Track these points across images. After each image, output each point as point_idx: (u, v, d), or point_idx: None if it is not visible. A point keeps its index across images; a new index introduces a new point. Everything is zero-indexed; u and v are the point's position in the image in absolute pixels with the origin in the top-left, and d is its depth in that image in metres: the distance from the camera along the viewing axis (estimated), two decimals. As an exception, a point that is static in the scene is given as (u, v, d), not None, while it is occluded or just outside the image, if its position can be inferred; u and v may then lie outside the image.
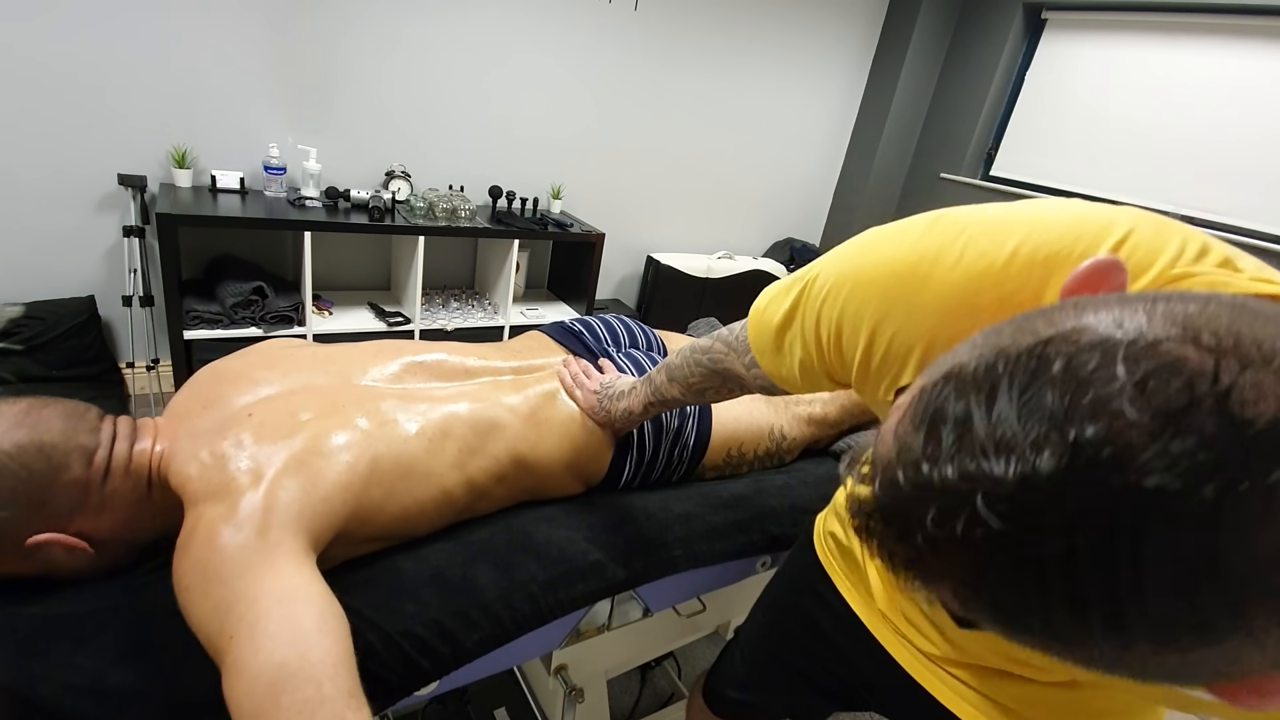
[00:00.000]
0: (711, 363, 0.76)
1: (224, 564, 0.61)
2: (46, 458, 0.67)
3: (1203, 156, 2.78)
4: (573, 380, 1.01)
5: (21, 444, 0.66)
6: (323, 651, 0.56)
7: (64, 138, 2.03)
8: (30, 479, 0.66)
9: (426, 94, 2.57)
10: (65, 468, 0.68)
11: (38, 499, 0.66)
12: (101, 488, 0.70)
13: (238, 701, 0.54)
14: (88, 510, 0.70)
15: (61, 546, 0.68)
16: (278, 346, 0.95)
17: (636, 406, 0.93)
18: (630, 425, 0.98)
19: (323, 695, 0.53)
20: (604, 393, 0.98)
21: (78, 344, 2.14)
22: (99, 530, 0.71)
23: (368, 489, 0.75)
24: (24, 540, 0.66)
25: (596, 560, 0.88)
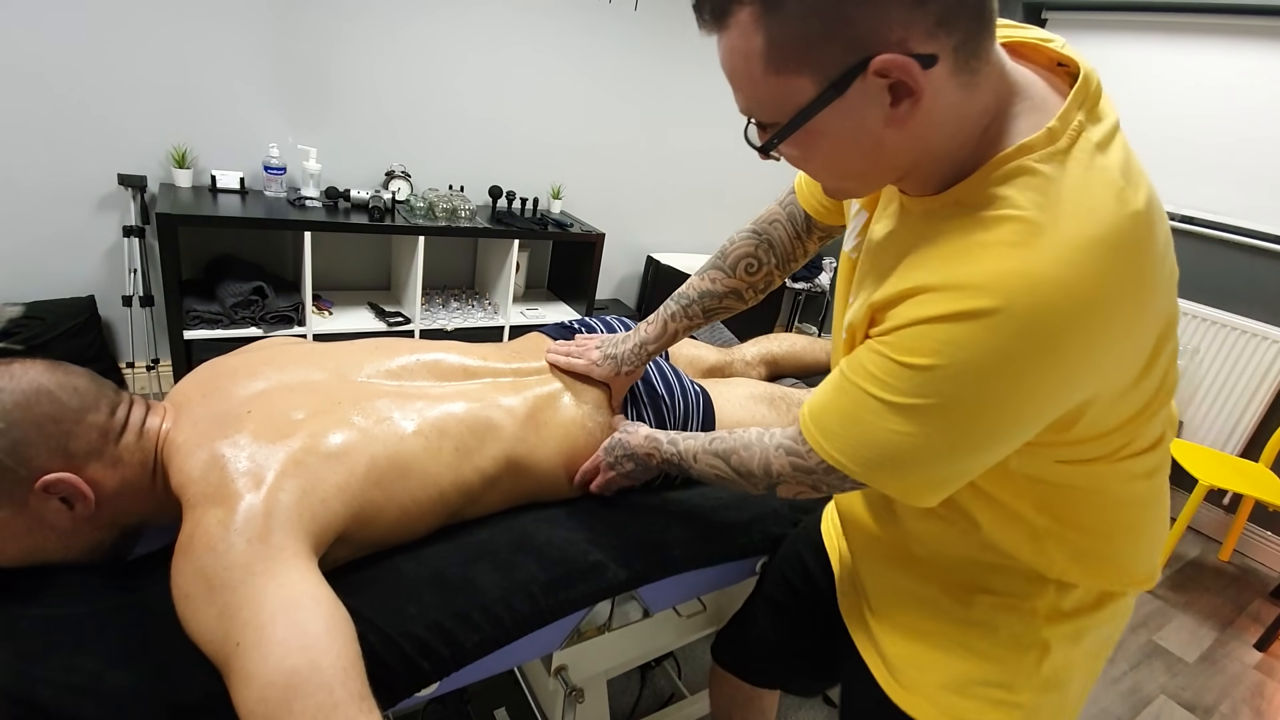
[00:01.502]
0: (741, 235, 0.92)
1: (227, 570, 0.61)
2: (80, 396, 0.71)
3: (1203, 156, 2.78)
4: (566, 354, 1.02)
5: (60, 381, 0.70)
6: (333, 656, 0.56)
7: (64, 138, 2.03)
8: (64, 410, 0.68)
9: (426, 94, 2.57)
10: (95, 409, 0.71)
11: (67, 431, 0.68)
12: (117, 442, 0.72)
13: (250, 709, 0.54)
14: (103, 459, 0.71)
15: (67, 494, 0.68)
16: (276, 343, 0.95)
17: (650, 333, 0.98)
18: (640, 362, 1.00)
19: (335, 700, 0.53)
20: (604, 347, 1.01)
21: (78, 344, 2.14)
22: (107, 483, 0.71)
23: (367, 490, 0.75)
24: (37, 477, 0.66)
25: (597, 561, 0.88)
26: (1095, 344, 0.49)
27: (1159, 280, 0.51)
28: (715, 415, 1.14)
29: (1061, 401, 0.52)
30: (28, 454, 0.66)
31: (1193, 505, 2.22)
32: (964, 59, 0.47)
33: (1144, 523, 0.67)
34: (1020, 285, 0.47)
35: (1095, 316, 0.47)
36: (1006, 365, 0.49)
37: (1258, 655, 2.13)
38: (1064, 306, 0.47)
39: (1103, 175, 0.49)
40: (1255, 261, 2.63)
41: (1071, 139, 0.49)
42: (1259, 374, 2.58)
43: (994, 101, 0.51)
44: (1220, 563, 2.64)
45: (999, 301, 0.47)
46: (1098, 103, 0.52)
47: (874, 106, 0.48)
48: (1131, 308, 0.49)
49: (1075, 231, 0.47)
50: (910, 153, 0.52)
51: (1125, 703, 1.84)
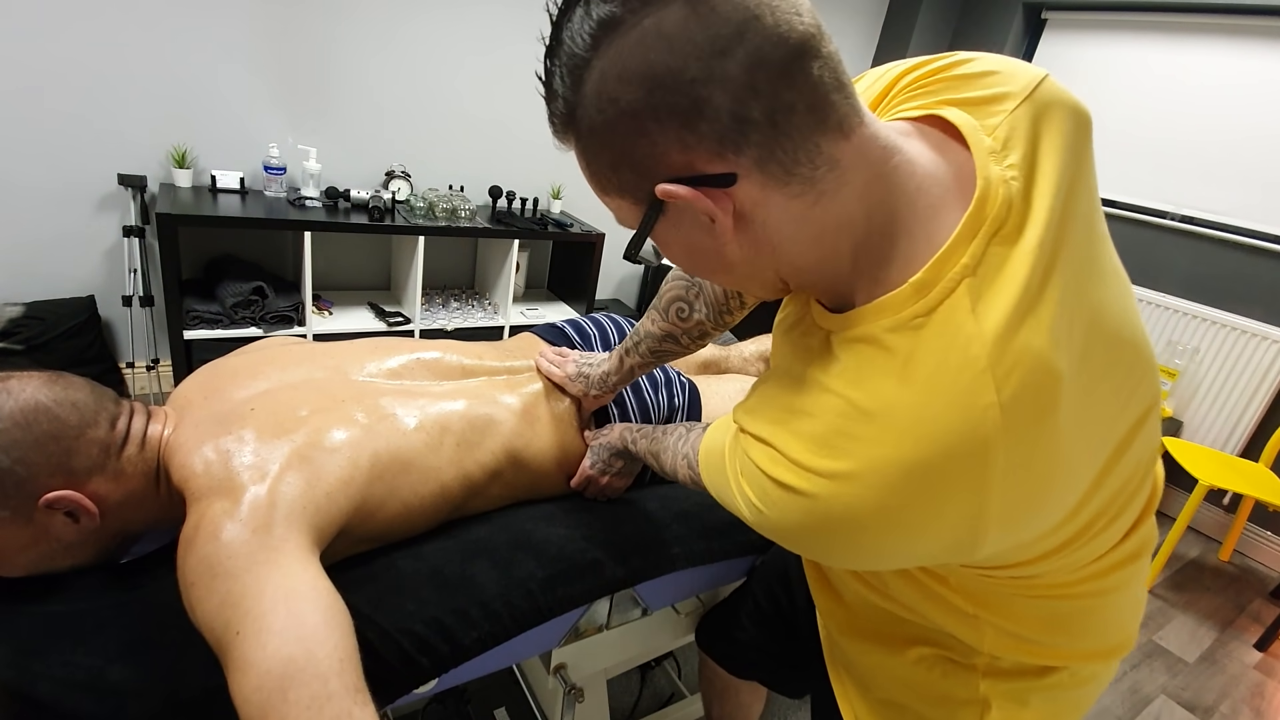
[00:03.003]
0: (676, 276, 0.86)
1: (229, 559, 0.61)
2: (80, 412, 0.70)
3: (1203, 156, 2.78)
4: (549, 362, 1.03)
5: (57, 397, 0.69)
6: (330, 647, 0.56)
7: (64, 138, 2.04)
8: (64, 428, 0.68)
9: (426, 94, 2.57)
10: (94, 424, 0.71)
11: (67, 448, 0.68)
12: (119, 455, 0.72)
13: (245, 697, 0.54)
14: (106, 473, 0.71)
15: (71, 509, 0.68)
16: (276, 344, 0.95)
17: (612, 365, 0.97)
18: (606, 389, 0.99)
19: (329, 691, 0.54)
20: (581, 364, 1.02)
21: (78, 344, 2.14)
22: (111, 497, 0.71)
23: (370, 484, 0.76)
24: (39, 496, 0.66)
25: (595, 558, 0.88)
26: (923, 536, 0.44)
27: (1063, 440, 0.43)
28: (702, 409, 1.14)
29: (919, 557, 0.48)
30: (29, 474, 0.66)
31: (1193, 505, 2.22)
32: (780, 170, 0.42)
33: (1101, 614, 0.62)
34: (825, 489, 0.44)
35: (910, 526, 0.43)
36: (830, 538, 0.46)
37: (1258, 655, 2.13)
38: (868, 518, 0.43)
39: (959, 368, 0.41)
40: (1255, 261, 2.63)
41: (941, 296, 0.42)
42: (1259, 374, 2.58)
43: (862, 213, 0.45)
44: (1220, 563, 2.64)
45: (812, 489, 0.45)
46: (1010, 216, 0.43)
47: (695, 224, 0.46)
48: (984, 501, 0.42)
49: (901, 442, 0.42)
50: (764, 265, 0.49)
51: (1125, 703, 1.84)
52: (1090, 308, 0.45)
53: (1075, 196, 0.46)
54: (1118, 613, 0.63)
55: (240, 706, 0.54)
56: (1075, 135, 0.47)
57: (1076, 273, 0.44)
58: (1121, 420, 0.49)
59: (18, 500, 0.66)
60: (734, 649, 1.05)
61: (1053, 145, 0.46)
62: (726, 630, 1.06)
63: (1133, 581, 0.62)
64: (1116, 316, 0.48)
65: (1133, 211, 2.95)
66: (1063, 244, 0.44)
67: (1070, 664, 0.64)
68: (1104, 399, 0.47)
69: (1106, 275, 0.48)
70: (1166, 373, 2.76)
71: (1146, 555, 0.62)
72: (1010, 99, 0.47)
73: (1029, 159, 0.45)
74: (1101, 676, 0.68)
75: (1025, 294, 0.41)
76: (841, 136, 0.43)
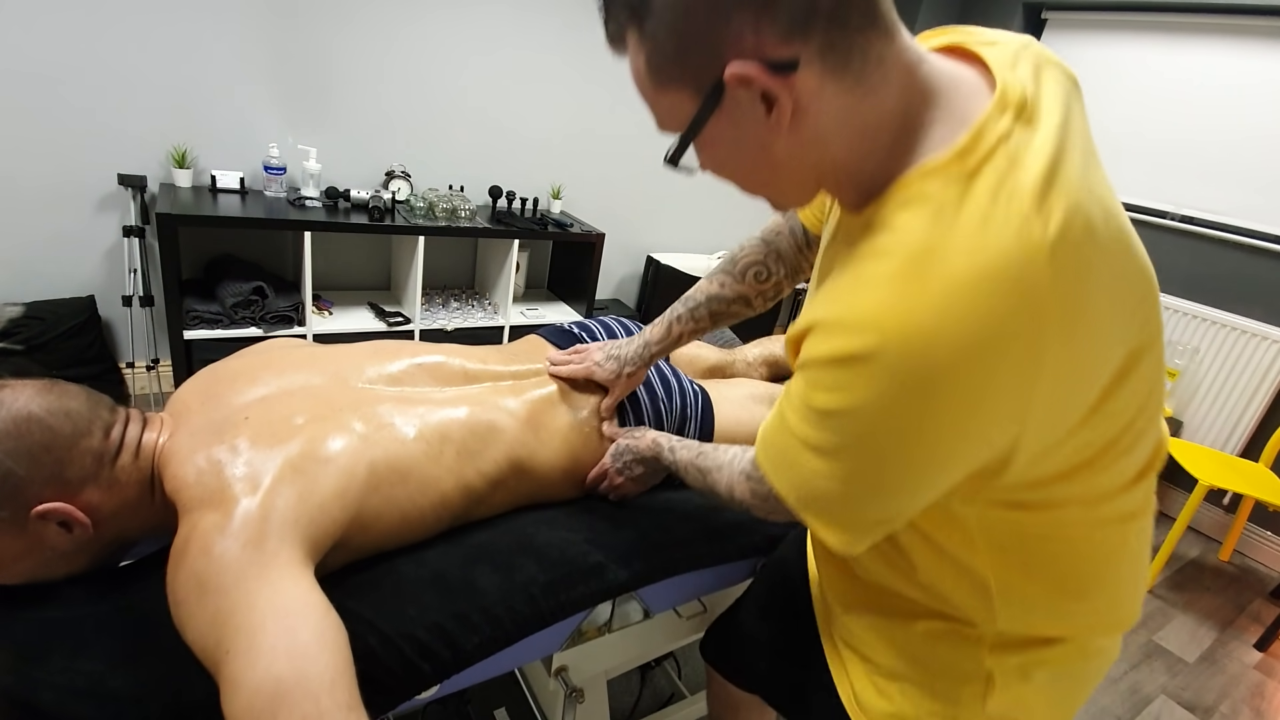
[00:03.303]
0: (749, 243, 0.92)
1: (220, 575, 0.60)
2: (73, 422, 0.69)
3: (1203, 156, 2.78)
4: (565, 362, 1.02)
5: (50, 407, 0.68)
6: (321, 665, 0.56)
7: (64, 138, 2.03)
8: (57, 438, 0.67)
9: (426, 94, 2.57)
10: (88, 434, 0.70)
11: (60, 459, 0.67)
12: (113, 465, 0.71)
13: (236, 716, 0.54)
14: (99, 483, 0.70)
15: (65, 519, 0.68)
16: (277, 346, 0.94)
17: (655, 334, 0.98)
18: (642, 364, 1.00)
19: (320, 710, 0.53)
20: (607, 348, 1.02)
21: (78, 344, 2.14)
22: (105, 506, 0.71)
23: (366, 495, 0.75)
24: (32, 507, 0.66)
25: (597, 562, 0.88)
26: (987, 391, 0.45)
27: (1093, 312, 0.45)
28: (714, 415, 1.14)
29: (973, 447, 0.48)
30: (21, 485, 0.65)
31: (1193, 505, 2.22)
32: (838, 61, 0.45)
33: (1112, 573, 0.62)
34: (894, 327, 0.44)
35: (981, 362, 0.44)
36: (893, 411, 0.46)
37: (1258, 655, 2.13)
38: (938, 352, 0.43)
39: (1008, 202, 0.44)
40: (1255, 261, 2.63)
41: (983, 157, 0.45)
42: (1259, 374, 2.58)
43: (900, 108, 0.49)
44: (1220, 563, 2.64)
45: (874, 344, 0.45)
46: (1027, 106, 0.48)
47: (751, 115, 0.48)
48: (1041, 348, 0.44)
49: (959, 268, 0.43)
50: (809, 162, 0.51)
51: (1125, 703, 1.84)
52: (1100, 202, 0.48)
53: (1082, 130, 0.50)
54: (1126, 575, 0.63)
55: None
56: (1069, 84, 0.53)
57: (1091, 173, 0.48)
58: (1133, 325, 0.50)
59: (11, 511, 0.65)
60: (733, 651, 1.05)
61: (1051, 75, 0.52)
62: (729, 633, 1.06)
63: (1139, 540, 0.63)
64: (1125, 224, 0.50)
65: (1133, 211, 2.94)
66: (1072, 139, 0.48)
67: (1077, 635, 0.64)
68: (1120, 292, 0.48)
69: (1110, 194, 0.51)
70: (1166, 373, 2.75)
71: (1150, 515, 0.62)
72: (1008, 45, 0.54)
73: (1034, 75, 0.50)
74: (1108, 652, 0.68)
75: (1055, 158, 0.45)
76: (888, 37, 0.47)
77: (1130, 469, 0.57)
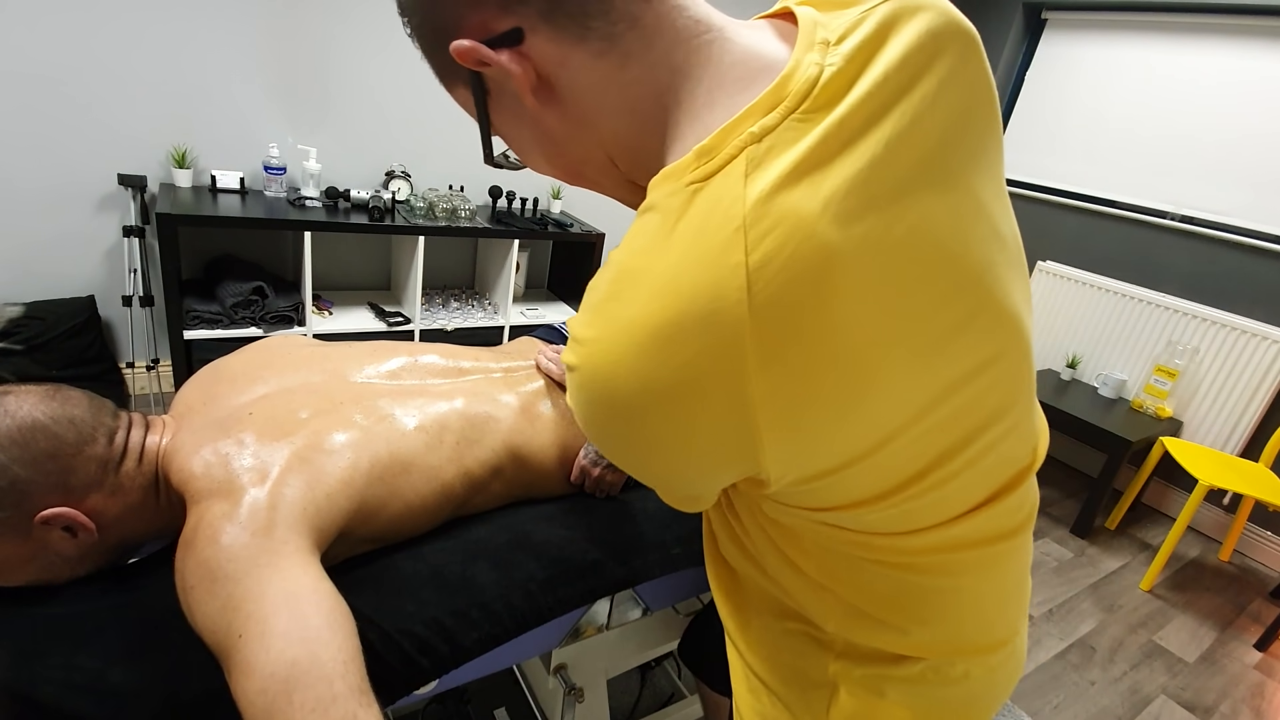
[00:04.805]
0: None
1: (230, 562, 0.61)
2: (77, 429, 0.69)
3: (1203, 156, 2.78)
4: (549, 359, 1.03)
5: (55, 415, 0.69)
6: (334, 649, 0.56)
7: (64, 138, 2.04)
8: (61, 446, 0.68)
9: (426, 94, 2.57)
10: (93, 440, 0.70)
11: (65, 466, 0.67)
12: (117, 470, 0.71)
13: (250, 700, 0.54)
14: (104, 489, 0.70)
15: (69, 524, 0.68)
16: (277, 345, 0.95)
17: None
18: None
19: (334, 693, 0.53)
20: None
21: (78, 344, 2.15)
22: (109, 511, 0.71)
23: (370, 485, 0.76)
24: (36, 513, 0.66)
25: (595, 559, 0.88)
26: (687, 430, 0.40)
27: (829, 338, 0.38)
28: None
29: (707, 469, 0.43)
30: (26, 492, 0.65)
31: (1193, 505, 2.22)
32: (570, 23, 0.41)
33: (955, 600, 0.56)
34: (585, 354, 0.41)
35: (668, 406, 0.39)
36: (604, 428, 0.43)
37: (1258, 655, 2.13)
38: (620, 391, 0.39)
39: (721, 221, 0.37)
40: (1255, 261, 2.64)
41: (722, 161, 0.39)
42: (1259, 374, 2.58)
43: (670, 80, 0.43)
44: (1220, 563, 2.64)
45: (574, 360, 0.42)
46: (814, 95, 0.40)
47: (515, 102, 0.45)
48: (742, 388, 0.38)
49: (646, 309, 0.38)
50: (590, 141, 0.48)
51: (1125, 703, 1.84)
52: (918, 212, 0.41)
53: (932, 104, 0.42)
54: (979, 602, 0.57)
55: (244, 710, 0.54)
56: (946, 46, 0.43)
57: (903, 167, 0.40)
58: (951, 351, 0.43)
59: (16, 517, 0.65)
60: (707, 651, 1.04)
61: (901, 43, 0.42)
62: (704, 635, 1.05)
63: (997, 567, 0.55)
64: (955, 237, 0.42)
65: (1133, 211, 2.95)
66: (879, 129, 0.40)
67: (928, 657, 0.57)
68: (923, 315, 0.41)
69: (960, 196, 0.43)
70: (1166, 373, 2.76)
71: (1017, 539, 0.55)
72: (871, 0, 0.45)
73: (864, 50, 0.41)
74: (977, 676, 0.59)
75: (805, 160, 0.38)
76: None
77: (965, 498, 0.50)
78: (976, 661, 0.59)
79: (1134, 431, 2.55)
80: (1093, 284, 3.02)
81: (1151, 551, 2.59)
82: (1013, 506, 0.54)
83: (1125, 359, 2.95)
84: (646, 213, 0.42)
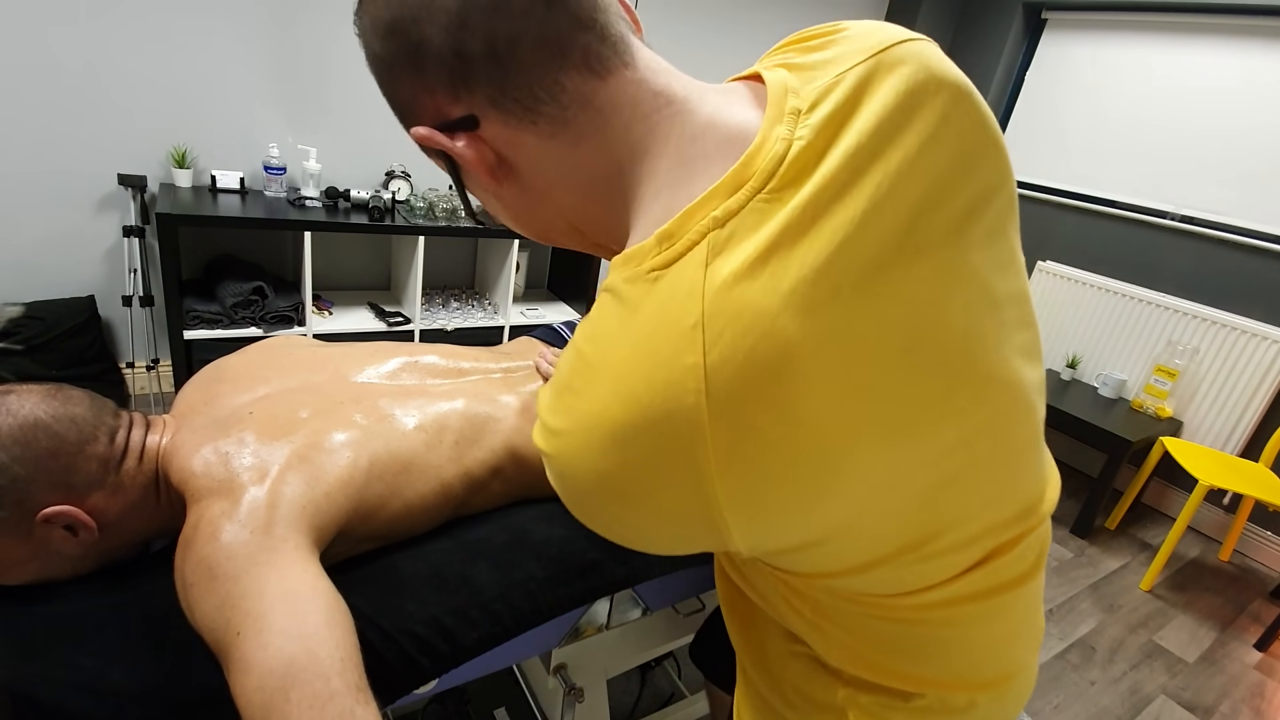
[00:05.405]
0: None
1: (229, 560, 0.61)
2: (78, 429, 0.70)
3: (1203, 156, 2.78)
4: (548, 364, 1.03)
5: (56, 414, 0.69)
6: (331, 646, 0.56)
7: (64, 138, 2.04)
8: (63, 445, 0.68)
9: (426, 94, 2.57)
10: (94, 439, 0.70)
11: (66, 465, 0.68)
12: (118, 469, 0.72)
13: (248, 698, 0.54)
14: (105, 488, 0.71)
15: (70, 523, 0.68)
16: (279, 345, 0.95)
17: None
18: None
19: (332, 690, 0.54)
20: None
21: (78, 344, 2.15)
22: (110, 510, 0.71)
23: (369, 484, 0.76)
24: (37, 511, 0.66)
25: (595, 558, 0.88)
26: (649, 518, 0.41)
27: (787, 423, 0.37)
28: None
29: (678, 543, 0.43)
30: (27, 491, 0.66)
31: (1193, 505, 2.22)
32: (518, 107, 0.41)
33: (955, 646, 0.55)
34: (550, 442, 0.41)
35: (628, 500, 0.40)
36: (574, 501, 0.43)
37: (1258, 655, 2.13)
38: (581, 483, 0.40)
39: (679, 314, 0.36)
40: (1255, 261, 2.64)
41: (684, 248, 0.38)
42: (1259, 374, 2.58)
43: (629, 158, 0.43)
44: (1220, 563, 2.64)
45: (542, 445, 0.42)
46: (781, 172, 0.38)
47: (477, 171, 0.46)
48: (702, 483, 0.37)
49: (602, 408, 0.38)
50: (551, 212, 0.49)
51: (1125, 703, 1.84)
52: (890, 291, 0.39)
53: (913, 165, 0.40)
54: (985, 645, 0.56)
55: (242, 707, 0.54)
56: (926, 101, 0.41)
57: (874, 243, 0.38)
58: (929, 429, 0.41)
59: (17, 516, 0.66)
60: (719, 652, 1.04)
61: (876, 106, 0.40)
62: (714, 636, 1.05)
63: (1004, 613, 0.54)
64: (932, 311, 0.40)
65: (1133, 211, 2.95)
66: (849, 203, 0.38)
67: (929, 691, 0.56)
68: (894, 398, 0.40)
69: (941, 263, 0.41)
70: (1166, 373, 2.76)
71: (1024, 585, 0.54)
72: (846, 59, 0.42)
73: (835, 119, 0.40)
74: (984, 706, 0.57)
75: (767, 249, 0.37)
76: (592, 75, 0.41)
77: (962, 560, 0.48)
78: (982, 694, 0.58)
79: (1134, 431, 2.55)
80: (1093, 284, 3.02)
81: (1151, 551, 2.59)
82: (1015, 558, 0.51)
83: (1125, 359, 2.95)
84: (606, 293, 0.42)
